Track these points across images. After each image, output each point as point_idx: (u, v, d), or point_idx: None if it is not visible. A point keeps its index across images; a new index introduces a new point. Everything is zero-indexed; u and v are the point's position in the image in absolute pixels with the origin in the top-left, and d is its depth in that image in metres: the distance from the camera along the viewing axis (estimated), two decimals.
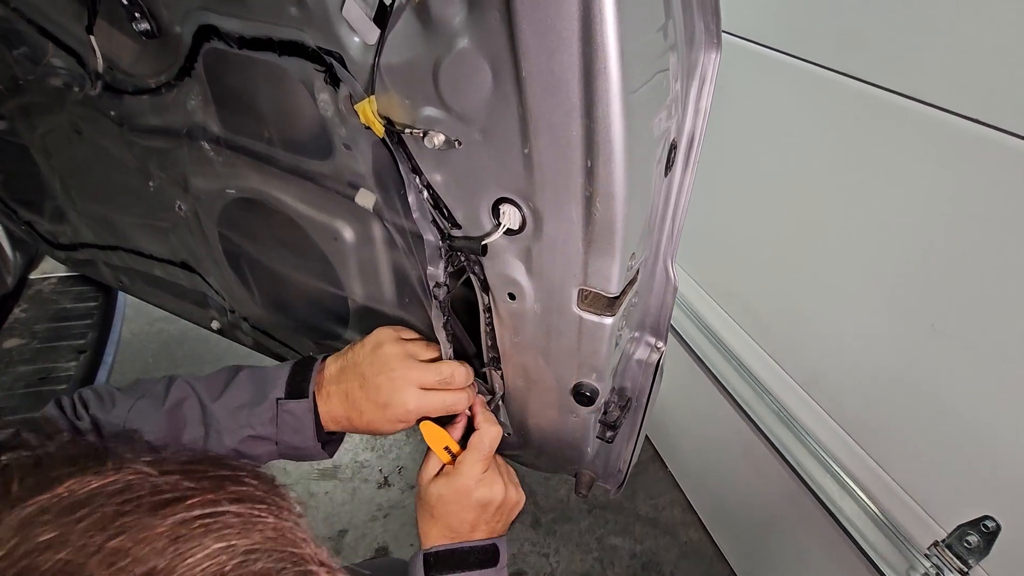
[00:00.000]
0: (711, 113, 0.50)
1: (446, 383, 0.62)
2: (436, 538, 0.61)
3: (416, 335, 0.67)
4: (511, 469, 0.67)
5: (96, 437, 0.57)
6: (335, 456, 1.80)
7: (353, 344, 0.65)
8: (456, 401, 0.63)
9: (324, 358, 0.66)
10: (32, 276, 1.49)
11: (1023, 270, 0.75)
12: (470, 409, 0.66)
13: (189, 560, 0.24)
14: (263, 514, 0.28)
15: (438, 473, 0.63)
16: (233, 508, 0.27)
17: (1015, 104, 0.71)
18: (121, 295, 1.49)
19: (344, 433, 0.68)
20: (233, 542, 0.26)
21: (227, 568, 0.25)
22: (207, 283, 0.97)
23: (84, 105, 0.87)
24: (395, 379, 0.60)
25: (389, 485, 1.67)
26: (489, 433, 0.63)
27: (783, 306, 1.18)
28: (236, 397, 0.61)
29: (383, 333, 0.64)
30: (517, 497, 0.64)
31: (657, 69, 0.43)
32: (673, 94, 0.46)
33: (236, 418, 0.60)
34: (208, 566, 0.25)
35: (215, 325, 1.04)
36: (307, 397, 0.61)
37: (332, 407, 0.62)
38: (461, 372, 0.63)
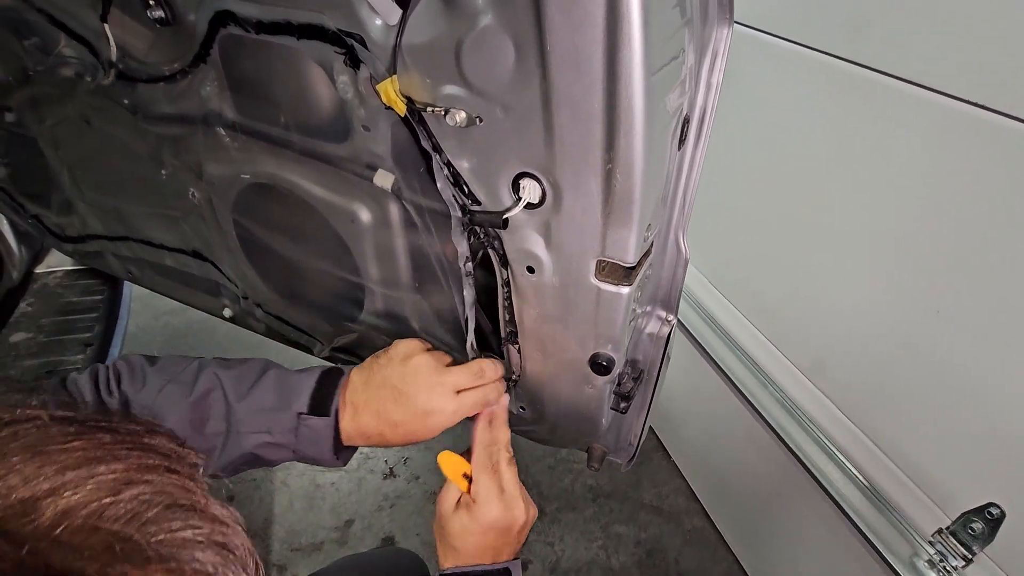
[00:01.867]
0: (721, 91, 0.52)
1: (479, 378, 0.62)
2: (452, 560, 0.61)
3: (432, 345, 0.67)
4: (520, 484, 0.64)
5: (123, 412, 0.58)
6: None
7: (377, 356, 0.64)
8: (488, 395, 0.63)
9: (349, 371, 0.65)
10: (38, 270, 1.49)
11: None
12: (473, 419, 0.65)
13: (75, 480, 0.26)
14: (157, 461, 0.30)
15: (458, 502, 0.62)
16: (135, 453, 0.29)
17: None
18: (127, 287, 1.50)
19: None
20: (121, 470, 0.28)
21: (109, 492, 0.27)
22: (219, 271, 0.98)
23: (96, 95, 0.88)
24: (432, 386, 0.60)
25: (395, 475, 1.69)
26: (489, 457, 0.62)
27: (787, 294, 1.20)
28: (261, 400, 0.61)
29: (410, 345, 0.64)
30: (533, 512, 0.64)
31: (674, 44, 0.44)
32: (687, 69, 0.48)
33: (257, 422, 0.60)
34: (92, 488, 0.27)
35: (227, 313, 1.05)
36: (329, 416, 0.60)
37: (361, 423, 0.61)
38: (490, 365, 0.63)
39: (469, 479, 0.62)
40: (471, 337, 0.67)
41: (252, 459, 0.61)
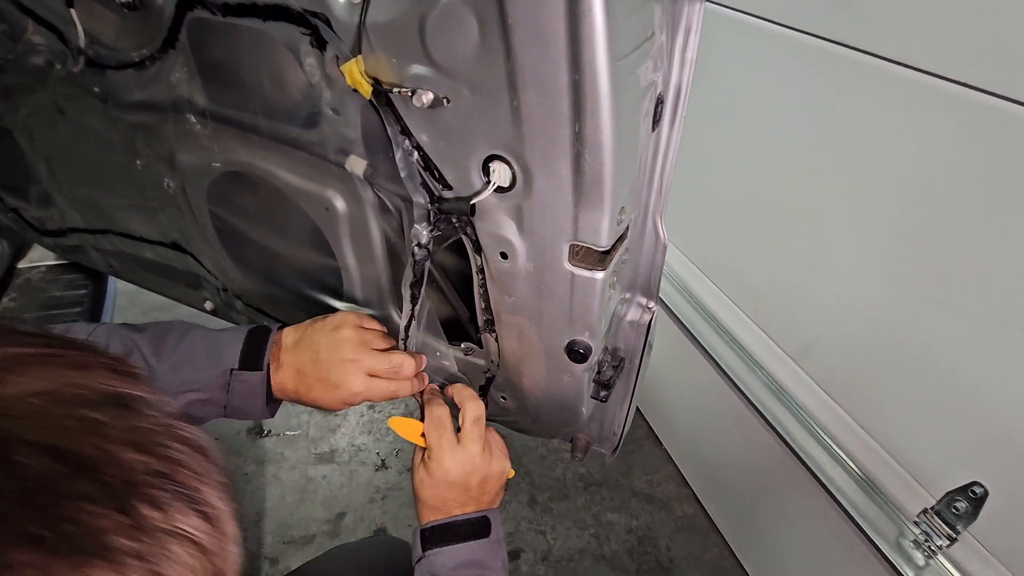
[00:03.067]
0: (696, 69, 0.50)
1: (394, 372, 0.64)
2: (429, 515, 0.64)
3: (377, 325, 0.68)
4: (497, 439, 0.69)
5: None
6: (332, 440, 1.79)
7: (315, 319, 0.67)
8: (399, 388, 0.65)
9: (280, 328, 0.67)
10: (20, 265, 1.47)
11: (1015, 237, 0.75)
12: (421, 396, 0.69)
13: None
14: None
15: (423, 458, 0.66)
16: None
17: (1012, 68, 0.71)
18: (111, 282, 1.48)
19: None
20: None
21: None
22: (199, 263, 0.97)
23: (67, 83, 0.86)
24: (346, 363, 0.62)
25: (386, 467, 1.68)
26: (433, 415, 0.65)
27: (774, 279, 1.20)
28: (186, 358, 0.62)
29: (345, 317, 0.66)
30: (499, 467, 0.66)
31: (641, 18, 0.43)
32: (658, 45, 0.46)
33: (183, 381, 0.61)
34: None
35: (208, 306, 1.04)
36: (261, 370, 0.63)
37: (283, 379, 0.64)
38: (410, 363, 0.65)
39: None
40: (404, 322, 0.66)
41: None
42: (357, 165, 0.61)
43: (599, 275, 0.51)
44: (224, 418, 0.66)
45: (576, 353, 0.58)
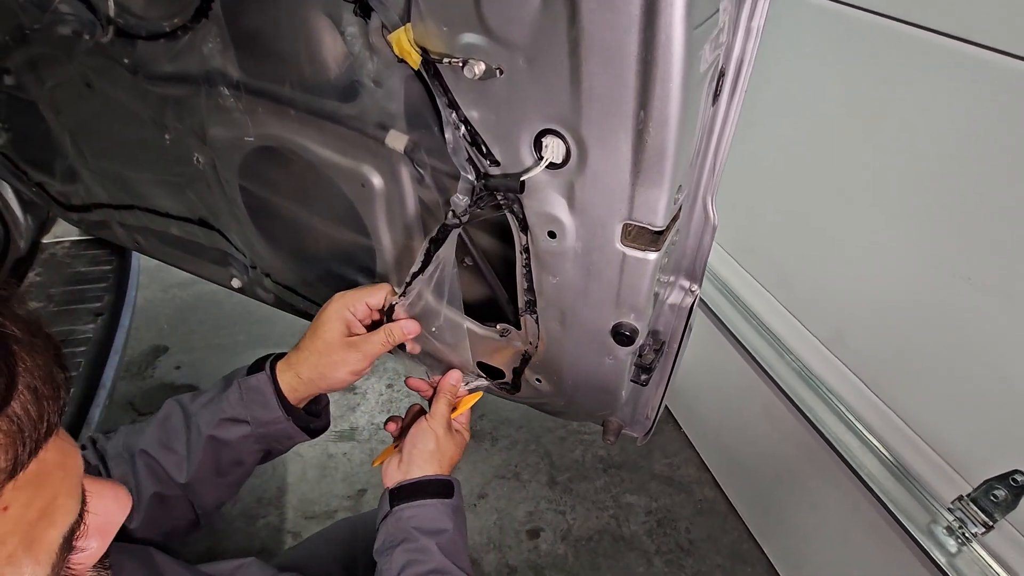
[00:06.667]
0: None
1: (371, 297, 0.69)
2: (397, 476, 0.69)
3: (365, 292, 0.70)
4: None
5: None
6: (352, 418, 1.80)
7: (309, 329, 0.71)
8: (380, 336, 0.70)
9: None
10: (45, 240, 1.48)
11: None
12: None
13: None
14: None
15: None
16: None
17: None
18: (135, 258, 1.48)
19: (327, 419, 0.76)
20: None
21: None
22: (227, 239, 0.96)
23: (95, 54, 0.84)
24: (336, 363, 0.67)
25: None
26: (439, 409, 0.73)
27: (807, 263, 1.17)
28: (212, 392, 0.68)
29: (330, 307, 0.70)
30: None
31: None
32: (727, 15, 0.44)
33: (211, 409, 0.66)
34: None
35: (235, 283, 1.03)
36: (263, 371, 0.66)
37: (289, 380, 0.67)
38: (384, 332, 0.69)
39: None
40: (413, 269, 0.66)
41: (216, 447, 0.66)
42: (398, 140, 0.60)
43: (652, 256, 0.50)
44: (276, 448, 0.70)
45: (622, 336, 0.57)
